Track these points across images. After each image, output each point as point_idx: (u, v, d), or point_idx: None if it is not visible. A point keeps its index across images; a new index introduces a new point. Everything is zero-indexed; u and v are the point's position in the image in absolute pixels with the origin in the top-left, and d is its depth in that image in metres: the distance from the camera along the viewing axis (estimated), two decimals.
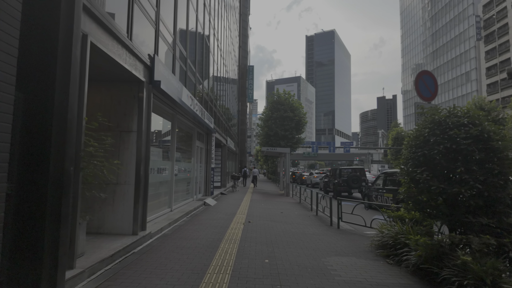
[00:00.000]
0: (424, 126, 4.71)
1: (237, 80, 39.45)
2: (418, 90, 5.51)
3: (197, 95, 12.17)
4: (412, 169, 4.59)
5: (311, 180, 29.13)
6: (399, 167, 5.09)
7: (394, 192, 11.66)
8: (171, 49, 8.53)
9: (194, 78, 12.29)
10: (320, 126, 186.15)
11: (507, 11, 44.63)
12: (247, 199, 14.54)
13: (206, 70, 14.03)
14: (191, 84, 11.66)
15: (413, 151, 4.68)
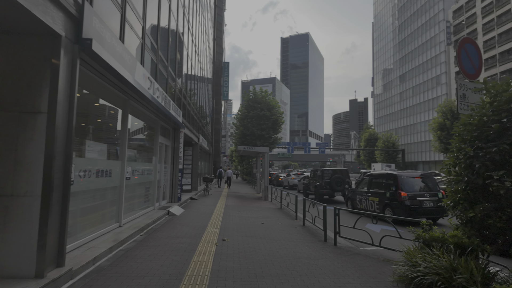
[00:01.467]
0: (497, 109, 3.10)
1: (212, 77, 37.28)
2: (461, 64, 3.92)
3: (168, 90, 10.12)
4: (479, 174, 2.97)
5: (288, 181, 27.64)
6: (445, 169, 3.45)
7: (380, 196, 10.32)
8: (140, 39, 6.54)
9: (166, 72, 10.23)
10: (294, 128, 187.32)
11: (476, 17, 46.04)
12: (221, 205, 12.60)
13: (179, 63, 11.99)
14: (163, 78, 9.60)
15: (478, 145, 3.06)
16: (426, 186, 9.90)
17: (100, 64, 4.96)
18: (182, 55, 13.57)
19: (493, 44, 42.83)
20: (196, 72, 18.66)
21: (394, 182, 9.96)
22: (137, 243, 5.90)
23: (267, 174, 16.17)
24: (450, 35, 51.74)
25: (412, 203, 9.33)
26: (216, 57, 44.35)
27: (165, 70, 10.24)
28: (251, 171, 38.80)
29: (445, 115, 41.86)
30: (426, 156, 62.56)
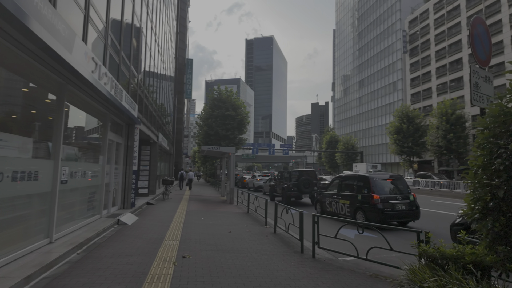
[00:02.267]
0: None
1: (174, 73, 35.41)
2: (474, 48, 3.31)
3: (121, 79, 8.71)
4: None
5: (253, 183, 26.83)
6: (469, 172, 2.77)
7: (352, 198, 9.88)
8: (82, 10, 5.22)
9: (118, 58, 8.80)
10: (258, 129, 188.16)
11: (429, 28, 49.12)
12: (181, 211, 11.37)
13: (135, 50, 10.59)
14: (114, 64, 8.20)
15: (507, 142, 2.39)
16: (397, 188, 9.61)
17: (19, 29, 3.68)
18: (140, 43, 12.15)
19: (444, 54, 45.94)
20: (155, 64, 17.14)
21: (366, 184, 9.53)
22: (70, 265, 4.61)
23: (233, 175, 15.18)
24: (406, 44, 54.73)
25: (384, 207, 8.94)
26: (179, 53, 42.41)
27: (117, 56, 8.85)
28: (215, 173, 37.44)
29: (401, 119, 43.94)
30: (383, 158, 65.58)
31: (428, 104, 48.98)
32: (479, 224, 2.66)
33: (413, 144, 43.02)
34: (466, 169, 2.79)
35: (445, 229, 8.73)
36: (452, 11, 44.92)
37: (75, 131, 6.83)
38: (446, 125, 36.59)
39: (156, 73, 17.42)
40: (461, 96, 42.22)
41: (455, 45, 44.17)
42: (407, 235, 7.68)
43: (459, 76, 43.14)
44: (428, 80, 49.39)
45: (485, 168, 2.51)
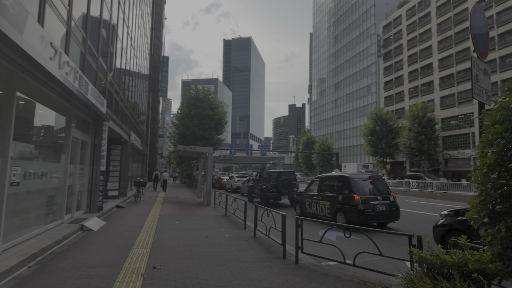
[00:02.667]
0: None
1: (149, 70, 34.16)
2: (474, 38, 3.06)
3: (87, 71, 7.93)
4: None
5: (231, 184, 26.31)
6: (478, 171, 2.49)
7: (332, 199, 9.69)
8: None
9: (84, 47, 8.03)
10: (236, 130, 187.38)
11: (402, 33, 50.83)
12: (154, 214, 10.68)
13: (104, 40, 9.79)
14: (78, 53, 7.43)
15: None
16: (378, 189, 9.51)
17: None
18: (110, 33, 11.33)
19: (415, 59, 47.70)
20: (128, 58, 16.22)
21: (346, 185, 9.35)
22: (17, 282, 3.93)
23: (210, 176, 14.61)
24: (380, 48, 56.35)
25: (365, 207, 8.79)
26: (154, 50, 41.05)
27: (83, 45, 8.09)
28: (191, 174, 36.46)
29: (375, 121, 45.10)
30: (358, 159, 67.11)
31: (401, 107, 50.62)
32: (491, 229, 2.38)
33: (386, 146, 44.26)
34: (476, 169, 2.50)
35: (425, 230, 8.69)
36: (423, 18, 46.73)
37: (32, 126, 6.06)
38: (417, 127, 37.88)
39: (128, 68, 16.50)
40: (432, 99, 43.95)
41: (426, 51, 45.96)
42: (392, 238, 7.52)
43: (429, 80, 44.90)
44: (400, 83, 51.06)
45: (497, 166, 2.23)
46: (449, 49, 41.73)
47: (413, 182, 26.13)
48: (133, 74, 18.53)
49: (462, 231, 5.66)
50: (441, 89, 43.00)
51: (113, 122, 11.55)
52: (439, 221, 6.27)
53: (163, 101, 78.73)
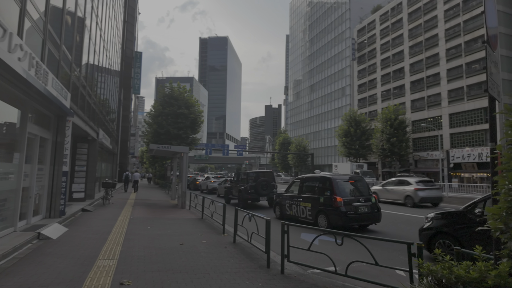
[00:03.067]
0: None
1: (120, 65, 32.56)
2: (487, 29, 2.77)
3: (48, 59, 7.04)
4: None
5: (207, 185, 25.55)
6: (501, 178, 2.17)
7: (313, 201, 9.41)
8: None
9: (43, 32, 7.12)
10: (212, 130, 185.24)
11: (376, 37, 52.29)
12: (124, 218, 9.87)
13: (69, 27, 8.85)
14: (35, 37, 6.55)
15: None
16: (359, 190, 9.33)
17: None
18: (76, 21, 10.36)
19: (388, 63, 49.20)
20: (97, 50, 15.11)
21: (328, 186, 9.09)
22: None
23: (185, 177, 13.90)
24: (355, 52, 57.67)
25: (347, 209, 8.56)
26: (126, 45, 39.32)
27: (43, 30, 7.21)
28: (165, 174, 35.20)
29: (349, 123, 46.03)
30: (332, 159, 68.32)
31: (374, 109, 52.03)
32: None
33: (360, 147, 45.29)
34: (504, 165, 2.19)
35: (407, 232, 8.58)
36: (396, 23, 48.32)
37: None
38: (390, 129, 39.00)
39: (98, 60, 15.38)
40: (403, 102, 45.48)
41: (398, 55, 47.53)
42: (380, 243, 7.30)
43: (401, 84, 46.46)
44: (374, 86, 52.48)
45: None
46: (420, 54, 43.38)
47: None
48: (103, 67, 17.36)
49: (451, 235, 5.51)
50: (411, 93, 44.59)
51: (78, 118, 10.58)
52: (426, 224, 6.10)
53: (135, 98, 75.98)
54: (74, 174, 12.96)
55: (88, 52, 12.72)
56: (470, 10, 36.66)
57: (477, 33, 35.75)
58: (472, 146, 35.60)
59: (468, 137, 36.57)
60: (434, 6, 41.61)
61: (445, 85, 39.39)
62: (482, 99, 34.78)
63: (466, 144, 36.53)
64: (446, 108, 38.97)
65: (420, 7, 43.84)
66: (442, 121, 39.57)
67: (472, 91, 36.12)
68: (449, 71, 39.08)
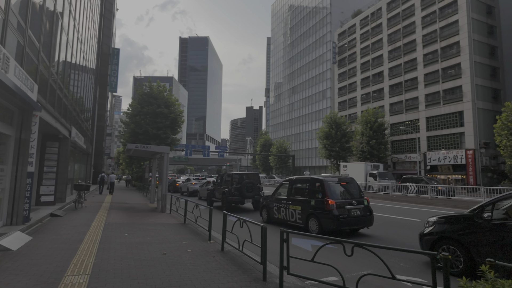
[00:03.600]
0: None
1: (96, 61, 30.99)
2: None
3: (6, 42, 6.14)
4: None
5: (188, 187, 24.65)
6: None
7: (304, 204, 8.99)
8: None
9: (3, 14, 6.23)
10: (192, 131, 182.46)
11: (356, 42, 53.20)
12: (98, 224, 9.00)
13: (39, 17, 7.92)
14: None
15: None
16: (351, 192, 9.00)
17: None
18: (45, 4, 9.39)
19: (368, 67, 50.13)
20: (70, 40, 14.01)
21: (320, 188, 8.68)
22: None
23: (166, 179, 13.10)
24: (335, 55, 58.43)
25: (340, 213, 8.18)
26: (103, 40, 37.63)
27: (4, 7, 6.32)
28: (142, 176, 33.83)
29: (330, 125, 46.43)
30: (313, 161, 68.86)
31: (353, 112, 52.81)
32: None
33: (340, 149, 45.76)
34: None
35: (402, 236, 8.24)
36: (376, 28, 49.35)
37: None
38: (370, 132, 39.59)
39: (71, 52, 14.27)
40: (382, 105, 46.41)
41: (377, 59, 48.52)
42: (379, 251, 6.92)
43: (380, 87, 47.42)
44: (354, 90, 53.31)
45: None
46: (398, 59, 44.45)
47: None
48: (77, 60, 16.19)
49: (456, 240, 5.20)
50: (390, 96, 45.58)
51: (47, 113, 9.58)
52: (427, 229, 5.78)
53: (112, 97, 73.26)
54: (43, 175, 11.86)
55: (59, 41, 11.69)
56: (446, 18, 37.94)
57: (452, 40, 37.03)
58: (448, 149, 36.76)
59: (444, 140, 37.74)
60: (412, 13, 42.80)
61: (422, 89, 40.51)
62: (457, 104, 36.03)
63: (442, 146, 37.68)
64: (423, 112, 40.07)
65: (399, 13, 44.98)
66: (419, 124, 40.65)
67: (447, 96, 37.33)
68: (426, 76, 40.24)
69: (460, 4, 36.54)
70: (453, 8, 37.38)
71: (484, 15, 37.46)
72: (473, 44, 35.68)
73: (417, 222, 10.75)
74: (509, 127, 26.42)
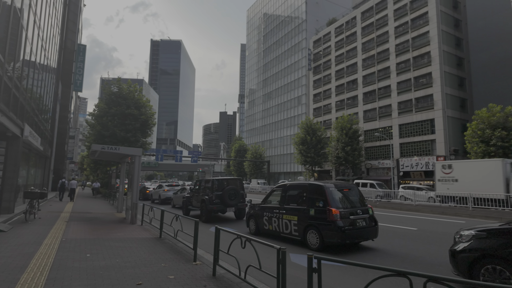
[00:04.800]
0: None
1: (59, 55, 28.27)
2: None
3: None
4: None
5: (159, 194, 22.75)
6: None
7: (301, 213, 7.91)
8: None
9: None
10: (162, 135, 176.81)
11: (331, 49, 53.89)
12: (52, 241, 7.29)
13: None
14: None
15: None
16: (355, 200, 8.04)
17: None
18: None
19: (342, 74, 50.83)
20: (26, 25, 12.04)
21: (320, 196, 7.63)
22: None
23: (137, 185, 11.47)
24: (311, 62, 58.82)
25: (345, 224, 7.17)
26: (68, 35, 34.74)
27: None
28: (108, 182, 31.19)
29: (306, 131, 46.28)
30: (288, 167, 68.56)
31: (328, 118, 53.18)
32: None
33: (315, 155, 45.65)
34: None
35: (408, 248, 7.17)
36: (350, 37, 50.25)
37: None
38: (345, 138, 39.77)
39: (25, 36, 12.27)
40: (356, 112, 47.04)
41: (352, 67, 49.33)
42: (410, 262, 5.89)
43: (354, 95, 48.12)
44: (328, 96, 53.78)
45: None
46: (372, 67, 45.37)
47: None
48: (34, 51, 14.10)
49: (505, 259, 4.31)
50: (364, 104, 46.32)
51: None
52: (461, 245, 4.87)
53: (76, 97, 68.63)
54: None
55: (10, 22, 9.80)
56: (418, 28, 39.25)
57: (424, 50, 38.30)
58: (420, 156, 37.68)
59: (416, 147, 38.68)
60: (385, 22, 43.97)
61: (395, 97, 41.46)
62: (428, 111, 37.13)
63: (415, 153, 38.59)
64: (396, 119, 40.96)
65: (373, 22, 46.07)
66: (392, 131, 41.48)
67: (419, 104, 38.42)
68: (399, 84, 41.27)
69: (430, 16, 37.98)
70: (424, 20, 38.77)
71: (452, 28, 39.22)
72: (443, 54, 37.09)
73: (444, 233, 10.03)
74: (479, 135, 27.32)
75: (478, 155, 27.42)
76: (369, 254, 7.04)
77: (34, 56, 14.29)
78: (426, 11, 38.60)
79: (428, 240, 8.72)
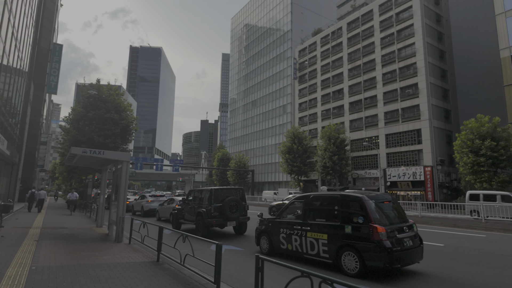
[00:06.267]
0: None
1: (31, 52, 25.84)
2: None
3: None
4: None
5: (142, 206, 20.72)
6: None
7: (333, 231, 6.54)
8: None
9: None
10: (139, 144, 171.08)
11: (317, 59, 53.93)
12: (17, 271, 5.51)
13: None
14: None
15: None
16: (396, 215, 6.80)
17: None
18: None
19: (328, 84, 50.79)
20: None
21: (360, 210, 6.33)
22: None
23: (124, 196, 9.72)
24: (296, 71, 58.62)
25: (393, 244, 5.91)
26: (43, 34, 32.19)
27: None
28: (84, 192, 28.53)
29: (292, 140, 45.48)
30: (273, 176, 67.33)
31: (314, 127, 52.76)
32: None
33: (302, 164, 44.82)
34: None
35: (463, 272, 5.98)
36: (336, 47, 50.49)
37: None
38: (333, 147, 39.23)
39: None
40: (342, 122, 46.86)
41: (337, 77, 49.39)
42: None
43: (340, 104, 48.04)
44: (314, 106, 53.50)
45: None
46: (358, 77, 45.53)
47: None
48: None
49: None
50: (350, 113, 46.24)
51: None
52: None
53: (50, 102, 64.58)
54: None
55: None
56: (403, 40, 39.82)
57: (409, 61, 38.77)
58: (407, 166, 37.64)
59: (403, 156, 38.68)
60: (371, 33, 44.45)
61: (381, 107, 41.58)
62: (415, 122, 37.35)
63: (402, 163, 38.54)
64: (383, 129, 40.98)
65: (359, 33, 46.48)
66: (379, 141, 41.41)
67: (406, 114, 38.62)
68: (385, 94, 41.48)
69: (416, 28, 38.65)
70: (409, 31, 39.41)
71: (436, 41, 40.10)
72: (427, 67, 37.66)
73: None
74: (468, 145, 27.36)
75: (467, 166, 27.41)
76: (413, 279, 5.78)
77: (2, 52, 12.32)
78: (411, 23, 39.28)
79: None
